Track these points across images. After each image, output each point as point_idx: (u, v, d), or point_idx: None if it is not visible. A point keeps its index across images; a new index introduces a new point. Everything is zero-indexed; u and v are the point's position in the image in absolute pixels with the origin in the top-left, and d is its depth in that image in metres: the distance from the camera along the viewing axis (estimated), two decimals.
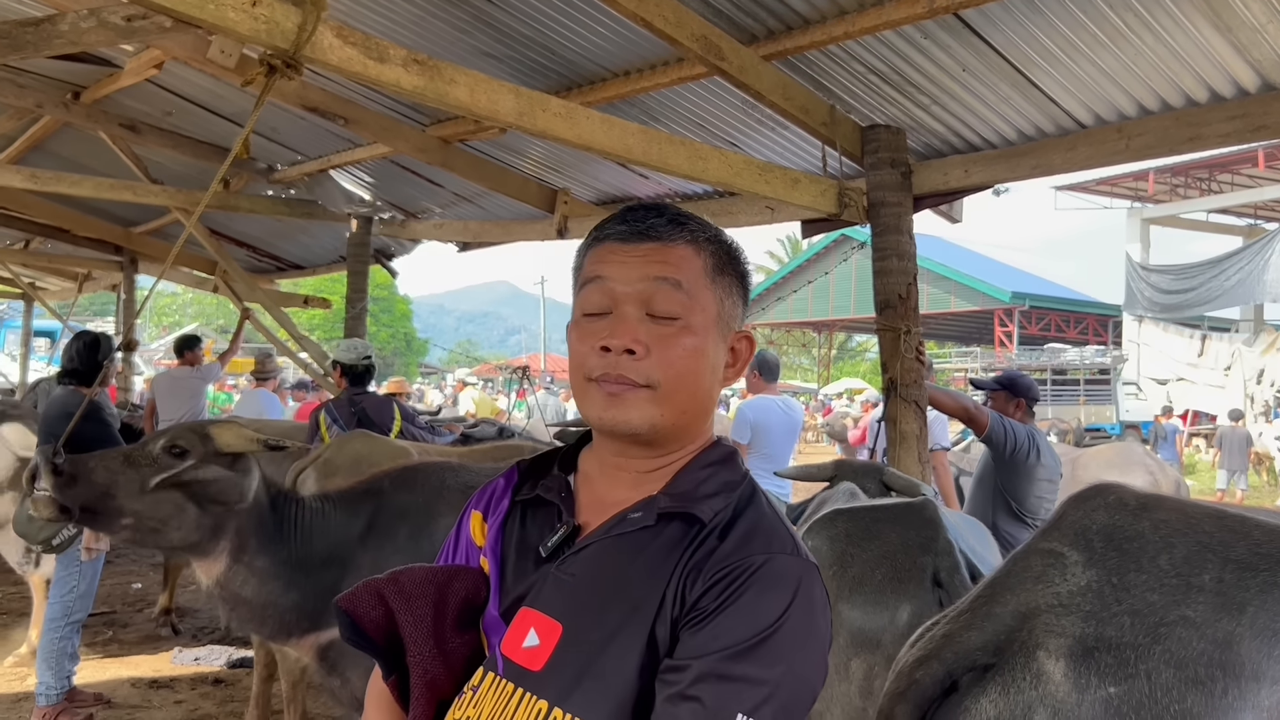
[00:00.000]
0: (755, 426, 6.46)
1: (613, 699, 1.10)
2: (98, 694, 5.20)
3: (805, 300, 39.63)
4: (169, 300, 46.15)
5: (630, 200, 6.99)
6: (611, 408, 1.19)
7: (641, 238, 1.22)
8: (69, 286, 14.43)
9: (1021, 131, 4.69)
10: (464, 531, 1.39)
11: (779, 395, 7.08)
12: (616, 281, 1.21)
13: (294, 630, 3.11)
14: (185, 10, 2.86)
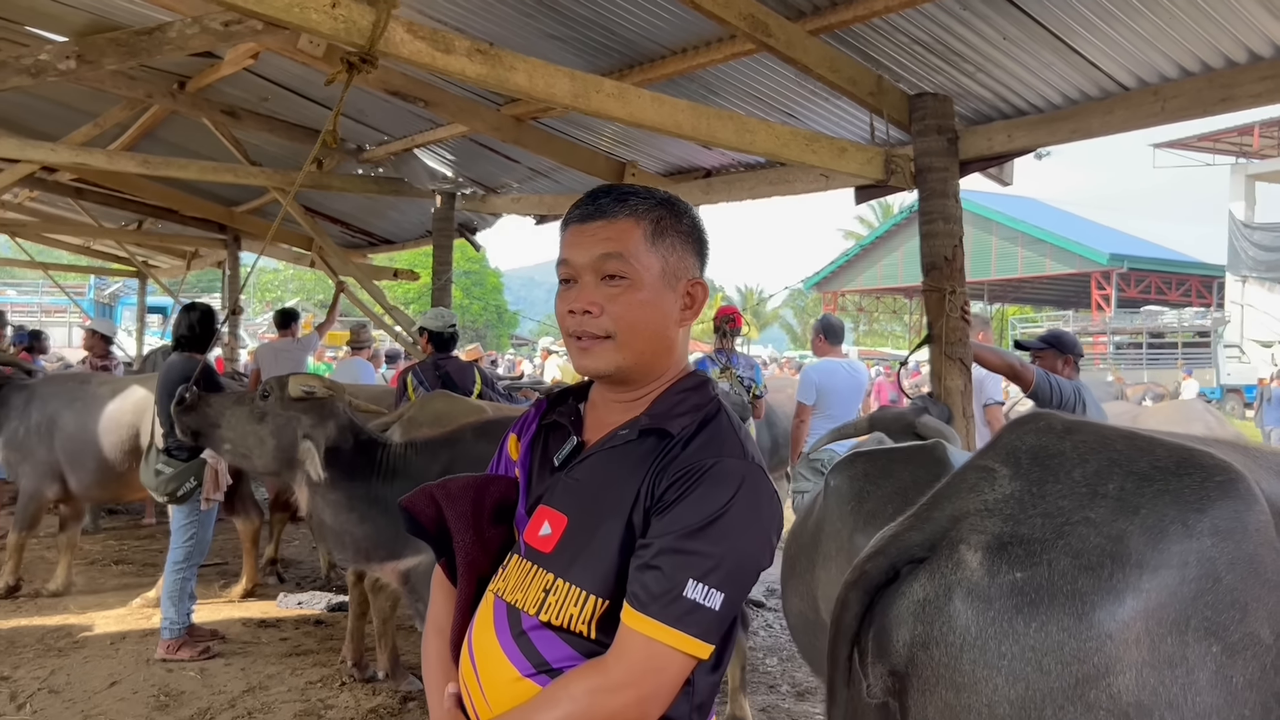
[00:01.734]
0: (820, 388, 6.71)
1: (600, 571, 1.45)
2: (213, 630, 5.76)
3: (895, 266, 39.17)
4: (271, 276, 47.81)
5: (697, 170, 7.25)
6: (583, 357, 1.54)
7: (591, 218, 1.54)
8: (178, 264, 15.30)
9: (1065, 95, 4.82)
10: (504, 450, 1.77)
11: (844, 358, 7.31)
12: (575, 257, 1.54)
13: (372, 556, 3.59)
14: (274, 14, 3.25)
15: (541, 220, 8.93)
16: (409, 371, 6.25)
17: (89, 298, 24.60)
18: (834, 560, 2.93)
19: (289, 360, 8.84)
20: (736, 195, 6.43)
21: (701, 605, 1.36)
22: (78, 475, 6.42)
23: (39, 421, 6.46)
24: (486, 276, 53.57)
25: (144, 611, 6.25)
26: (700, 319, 1.68)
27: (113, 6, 6.46)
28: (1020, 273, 35.50)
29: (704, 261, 1.60)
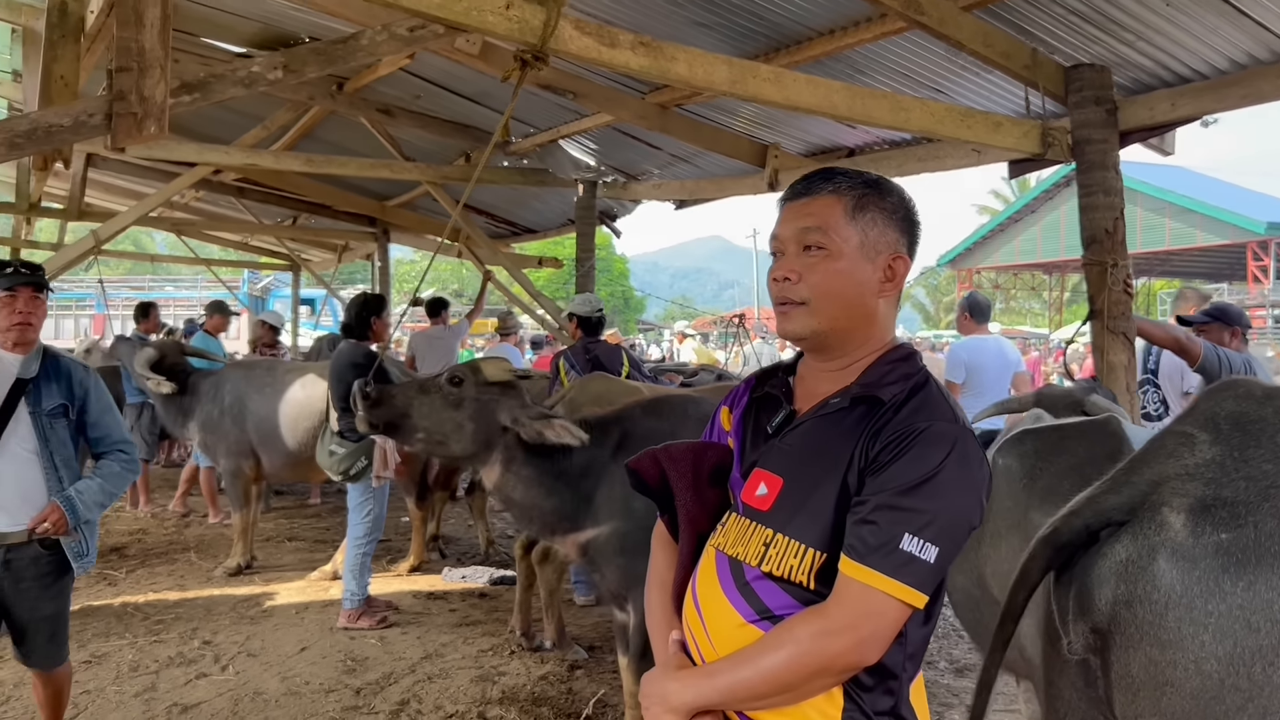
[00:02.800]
0: (969, 366, 6.66)
1: (817, 526, 1.57)
2: (388, 601, 6.13)
3: (1034, 241, 37.80)
4: (408, 267, 49.37)
5: (839, 150, 7.26)
6: (784, 321, 1.69)
7: (799, 195, 1.69)
8: (329, 257, 16.06)
9: (1233, 60, 4.67)
10: (716, 421, 1.92)
11: (991, 335, 7.21)
12: (782, 231, 1.69)
13: (556, 529, 3.78)
14: (455, 18, 3.46)
15: (681, 205, 9.07)
16: (561, 355, 6.49)
17: (243, 291, 25.96)
18: (1004, 538, 2.97)
19: (442, 347, 9.25)
20: (883, 173, 6.24)
21: (917, 557, 1.47)
22: (269, 455, 6.89)
23: (231, 404, 6.96)
24: (613, 262, 54.09)
25: (321, 584, 6.67)
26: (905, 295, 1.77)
27: (279, 14, 6.89)
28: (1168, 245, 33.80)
29: (911, 240, 1.69)
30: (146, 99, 2.96)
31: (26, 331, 3.47)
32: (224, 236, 16.09)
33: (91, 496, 3.49)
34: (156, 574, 6.92)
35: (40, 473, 3.45)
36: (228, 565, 6.92)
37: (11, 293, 3.42)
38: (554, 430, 3.62)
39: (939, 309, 55.19)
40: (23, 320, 3.44)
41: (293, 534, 8.41)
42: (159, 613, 5.97)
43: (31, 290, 3.47)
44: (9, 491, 3.39)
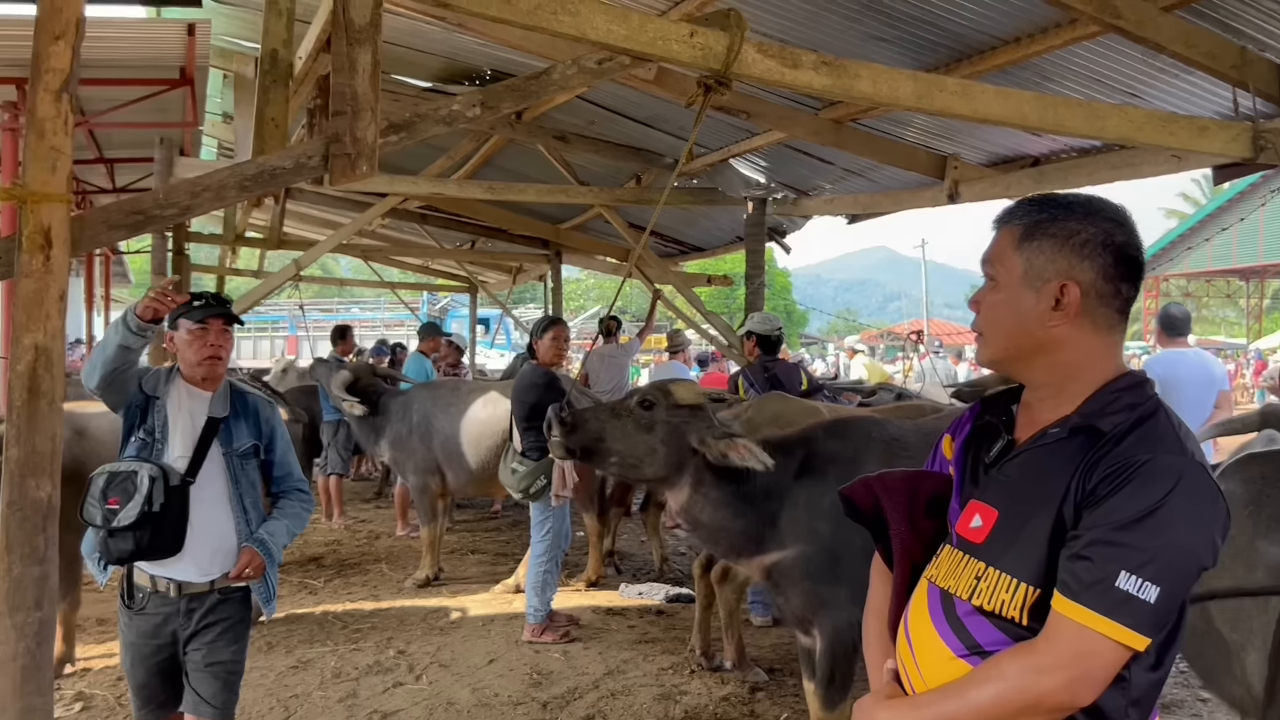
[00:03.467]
0: (1163, 382, 6.28)
1: (1030, 561, 1.53)
2: (570, 616, 6.27)
3: (1228, 246, 35.40)
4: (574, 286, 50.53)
5: (1024, 158, 7.01)
6: (977, 350, 1.73)
7: (994, 229, 1.72)
8: (504, 279, 16.64)
9: None
10: (938, 449, 1.89)
11: (1190, 349, 6.81)
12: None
13: (742, 551, 3.77)
14: (642, 49, 3.54)
15: (854, 219, 8.96)
16: (740, 374, 6.51)
17: (423, 311, 27.14)
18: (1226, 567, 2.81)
19: (615, 366, 9.42)
20: (1073, 183, 6.15)
21: (1135, 596, 1.40)
22: (454, 472, 7.19)
23: (418, 423, 7.30)
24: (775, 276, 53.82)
25: (505, 597, 6.89)
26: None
27: (465, 50, 7.19)
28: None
29: (1100, 263, 1.59)
30: (359, 140, 3.16)
31: (216, 366, 3.30)
32: (407, 261, 16.90)
33: (279, 539, 3.35)
34: (352, 584, 7.30)
35: (229, 517, 3.26)
36: (417, 577, 7.23)
37: (203, 325, 3.25)
38: (738, 451, 3.59)
39: None
40: (213, 354, 3.27)
41: (475, 547, 8.72)
42: (356, 621, 6.30)
43: (222, 323, 3.31)
44: (199, 539, 3.17)
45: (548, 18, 3.40)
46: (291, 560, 7.99)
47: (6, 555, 2.60)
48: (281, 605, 6.62)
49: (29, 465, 2.60)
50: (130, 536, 3.04)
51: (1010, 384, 1.78)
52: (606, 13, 3.52)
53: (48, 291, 2.64)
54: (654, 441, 3.69)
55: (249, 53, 7.64)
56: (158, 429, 3.22)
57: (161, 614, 3.21)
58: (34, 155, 2.64)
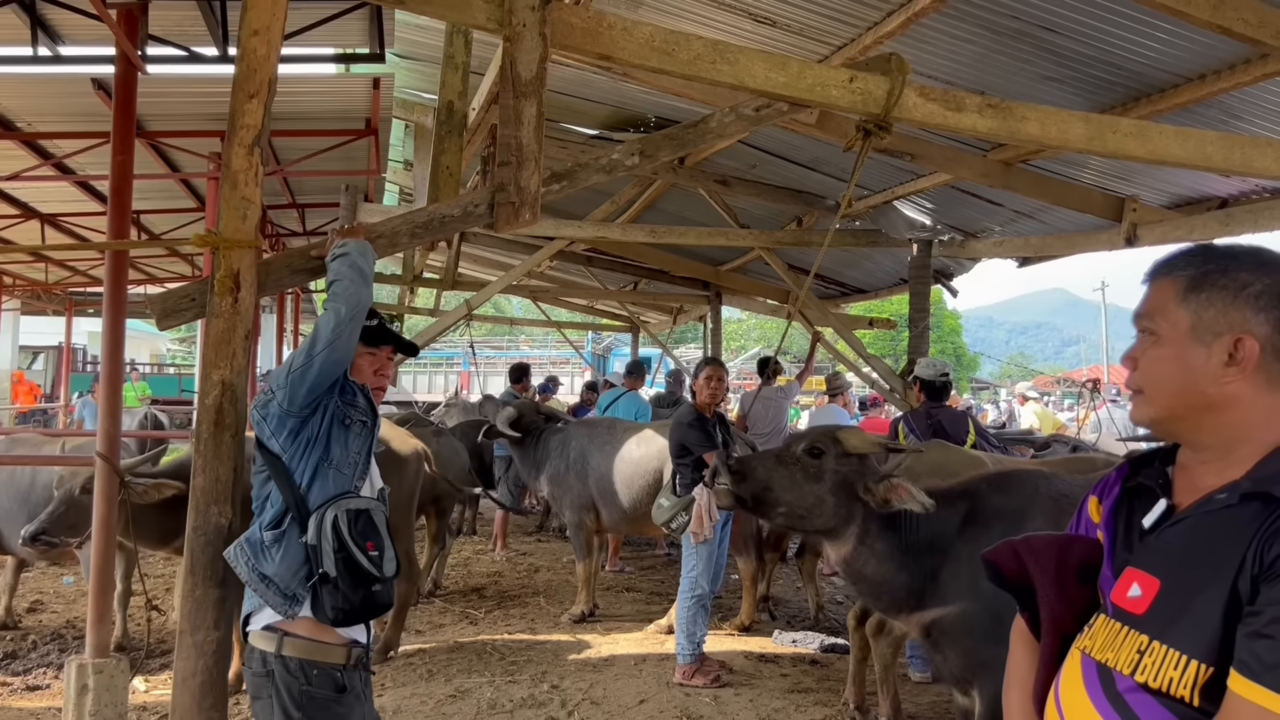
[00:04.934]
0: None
1: (1201, 636, 1.43)
2: (722, 661, 6.23)
3: None
4: (735, 326, 50.56)
5: (1209, 200, 6.64)
6: (1131, 410, 1.63)
7: (1146, 281, 1.63)
8: (665, 319, 16.85)
9: None
10: (1084, 512, 1.80)
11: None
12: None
13: (903, 606, 3.64)
14: (800, 95, 3.57)
15: (1025, 262, 8.67)
16: (901, 419, 6.38)
17: (588, 350, 27.75)
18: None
19: (774, 407, 9.37)
20: (1264, 226, 5.78)
21: None
22: (608, 509, 7.29)
23: (575, 460, 7.46)
24: (944, 318, 52.40)
25: (658, 637, 6.91)
26: None
27: (630, 98, 7.39)
28: None
29: (1276, 316, 1.50)
30: (523, 189, 3.29)
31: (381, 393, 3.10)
32: (573, 301, 17.36)
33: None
34: (510, 616, 7.48)
35: None
36: (573, 612, 7.35)
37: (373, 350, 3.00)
38: (897, 494, 3.49)
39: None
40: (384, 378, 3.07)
41: (630, 585, 8.79)
42: (513, 653, 6.44)
43: (391, 350, 3.10)
44: None
45: (706, 67, 3.48)
46: (455, 590, 8.27)
47: (190, 577, 2.80)
48: (443, 634, 6.88)
49: (213, 493, 2.81)
50: (391, 587, 2.76)
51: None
52: (765, 60, 3.57)
53: (235, 331, 2.86)
54: (822, 491, 3.58)
55: (428, 104, 8.06)
56: (356, 452, 2.85)
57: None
58: (227, 204, 2.88)
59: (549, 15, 3.30)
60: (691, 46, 3.48)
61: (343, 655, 2.68)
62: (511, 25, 3.29)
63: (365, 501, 2.75)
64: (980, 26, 4.96)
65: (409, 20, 6.76)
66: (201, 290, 2.95)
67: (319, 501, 2.67)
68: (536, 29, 3.29)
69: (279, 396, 2.68)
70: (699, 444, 5.84)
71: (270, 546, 2.66)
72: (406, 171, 10.36)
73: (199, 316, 2.99)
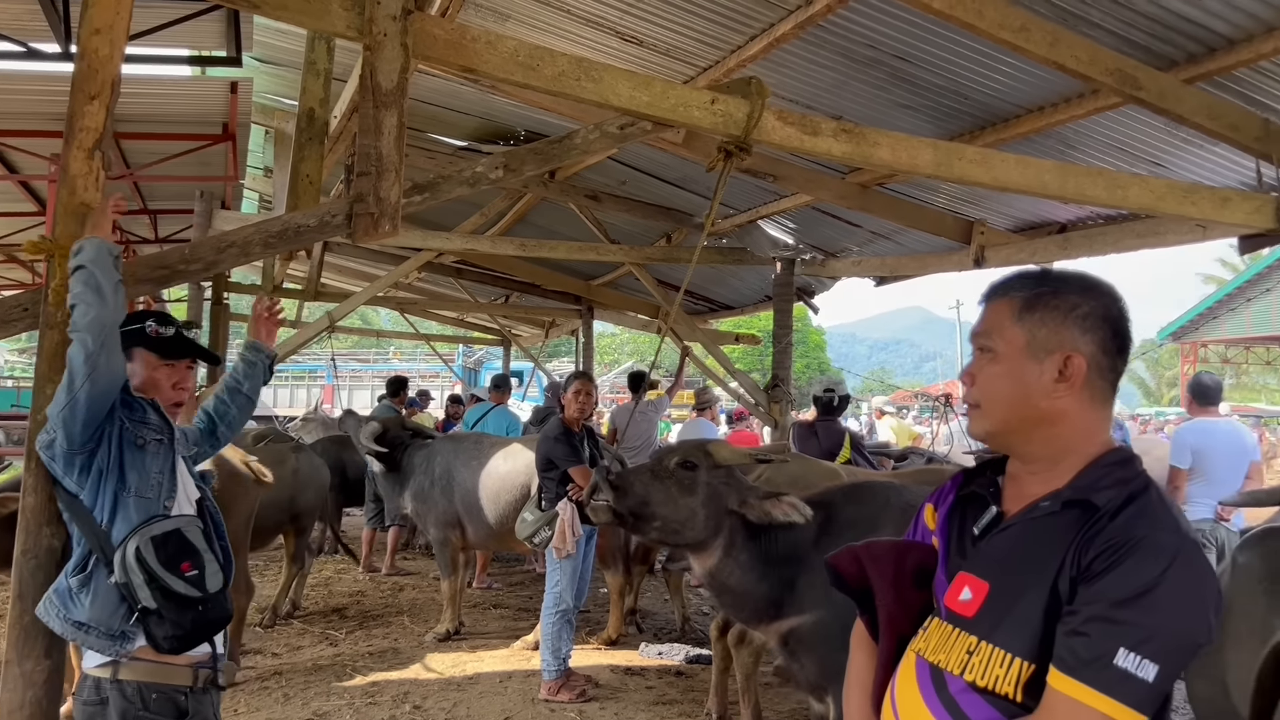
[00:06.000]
0: (1196, 451, 6.27)
1: (1024, 635, 1.52)
2: (588, 675, 6.22)
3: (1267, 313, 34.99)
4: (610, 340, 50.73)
5: (1050, 225, 7.02)
6: (969, 423, 1.73)
7: (982, 301, 1.73)
8: (537, 333, 16.80)
9: None
10: (920, 519, 1.89)
11: (1222, 418, 6.74)
12: (972, 334, 1.73)
13: (763, 616, 3.72)
14: (662, 115, 3.62)
15: (881, 281, 8.98)
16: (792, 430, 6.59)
17: (459, 363, 27.38)
18: (1244, 643, 2.77)
19: (645, 421, 9.45)
20: (1098, 250, 6.15)
21: (1133, 675, 1.38)
22: (474, 525, 7.21)
23: (440, 475, 7.34)
24: (809, 334, 53.77)
25: (524, 653, 6.86)
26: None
27: (499, 111, 7.36)
28: None
29: (1099, 336, 1.62)
30: (382, 200, 3.24)
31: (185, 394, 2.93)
32: (442, 314, 17.13)
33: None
34: (373, 635, 7.31)
35: None
36: (438, 631, 7.23)
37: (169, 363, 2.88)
38: (782, 508, 3.56)
39: (1160, 384, 51.64)
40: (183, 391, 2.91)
41: (498, 601, 8.70)
42: (375, 674, 6.30)
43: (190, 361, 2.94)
44: None
45: (571, 84, 3.49)
46: (315, 610, 8.03)
47: (19, 603, 2.64)
48: (301, 655, 6.67)
49: (44, 513, 2.65)
50: (223, 601, 2.63)
51: None
52: (630, 79, 3.61)
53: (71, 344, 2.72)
54: (695, 504, 3.60)
55: (289, 110, 7.86)
56: (157, 472, 2.69)
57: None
58: (65, 210, 2.74)
59: (411, 26, 3.26)
60: (556, 63, 3.49)
61: (188, 676, 2.57)
62: (372, 34, 3.24)
63: (174, 521, 2.61)
64: (838, 54, 5.13)
65: (269, 24, 6.58)
66: (35, 300, 2.80)
67: (123, 534, 2.52)
68: (398, 39, 3.24)
69: (58, 437, 2.53)
70: (565, 458, 5.84)
71: (79, 593, 2.51)
72: (267, 178, 10.06)
73: (32, 328, 2.83)
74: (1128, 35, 4.32)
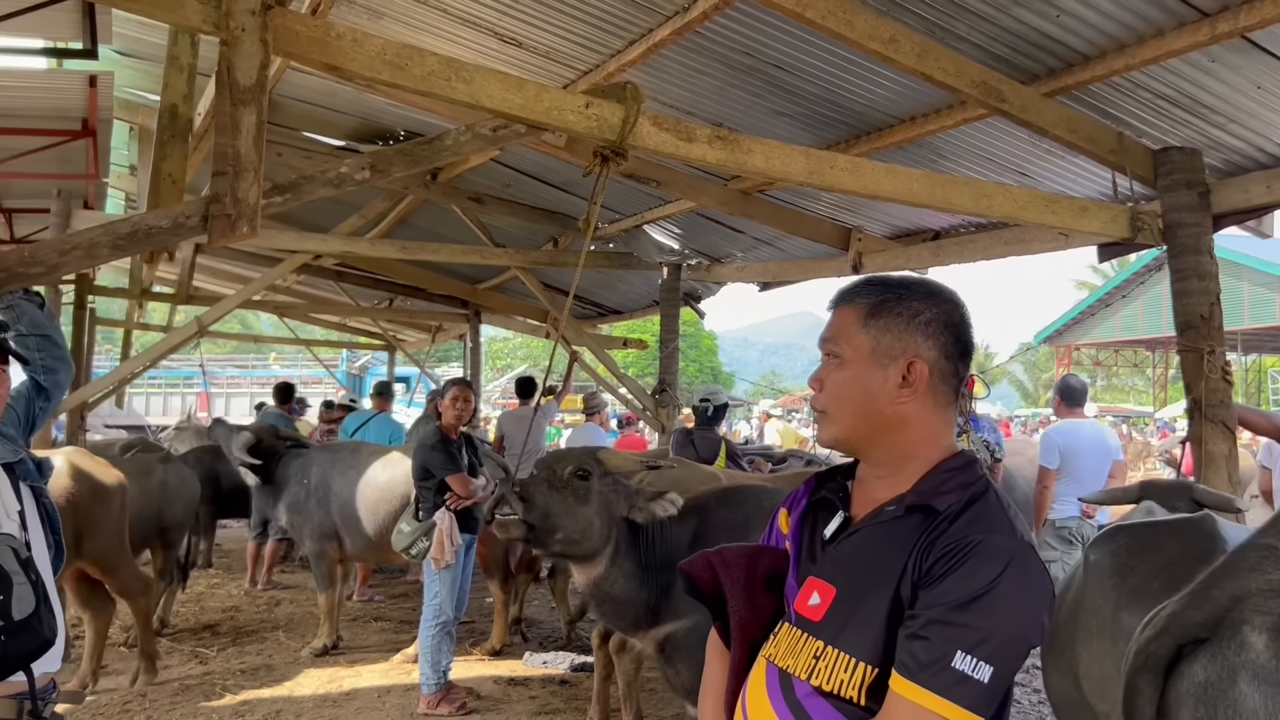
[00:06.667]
0: (1063, 451, 6.49)
1: (868, 639, 1.53)
2: (469, 688, 6.11)
3: (1135, 317, 36.80)
4: (501, 345, 50.29)
5: (924, 232, 7.22)
6: (818, 429, 1.72)
7: (831, 306, 1.73)
8: (423, 337, 16.52)
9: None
10: (775, 524, 1.89)
11: (1087, 420, 7.02)
12: (821, 340, 1.73)
13: (642, 624, 3.70)
14: (536, 118, 3.58)
15: (765, 287, 9.09)
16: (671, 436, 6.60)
17: (342, 369, 26.74)
18: (1095, 637, 2.85)
19: (533, 427, 9.33)
20: (969, 257, 6.35)
21: (970, 677, 1.40)
22: (352, 537, 7.00)
23: (316, 486, 7.11)
24: (702, 339, 54.30)
25: (405, 667, 6.69)
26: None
27: (378, 110, 7.20)
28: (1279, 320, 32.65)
29: (945, 341, 1.63)
30: (240, 201, 3.11)
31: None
32: (324, 318, 16.69)
33: None
34: (246, 652, 7.04)
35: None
36: (314, 646, 7.01)
37: None
38: (662, 505, 3.55)
39: (1037, 386, 53.81)
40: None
41: (379, 614, 8.49)
42: (246, 692, 6.06)
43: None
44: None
45: (441, 84, 3.42)
46: (185, 627, 7.70)
47: None
48: (168, 675, 6.38)
49: None
50: (36, 629, 2.38)
51: None
52: (502, 81, 3.55)
53: None
54: (591, 514, 3.55)
55: (154, 106, 7.54)
56: None
57: None
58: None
59: (271, 21, 3.15)
60: (426, 62, 3.41)
61: (12, 709, 2.38)
62: (229, 29, 3.11)
63: None
64: (717, 61, 5.17)
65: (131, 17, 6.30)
66: None
67: None
68: (257, 34, 3.12)
69: None
70: (442, 467, 5.72)
71: None
72: (133, 177, 9.63)
73: None
74: (992, 49, 4.46)
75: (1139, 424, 33.67)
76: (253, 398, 21.62)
